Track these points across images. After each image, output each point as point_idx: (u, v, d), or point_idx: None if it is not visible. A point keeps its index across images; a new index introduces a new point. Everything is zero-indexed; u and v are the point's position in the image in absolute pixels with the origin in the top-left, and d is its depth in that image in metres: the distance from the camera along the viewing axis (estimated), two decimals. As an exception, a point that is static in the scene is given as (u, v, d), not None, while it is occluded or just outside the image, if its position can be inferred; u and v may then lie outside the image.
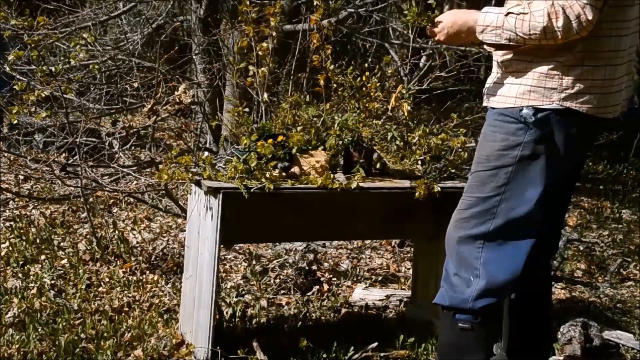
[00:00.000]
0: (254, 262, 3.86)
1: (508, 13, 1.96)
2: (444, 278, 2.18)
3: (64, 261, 3.63)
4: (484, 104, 2.18)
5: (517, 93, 2.02)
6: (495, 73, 2.14)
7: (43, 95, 3.12)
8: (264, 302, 3.30)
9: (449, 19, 2.13)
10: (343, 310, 3.28)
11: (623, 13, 1.98)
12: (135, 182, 4.92)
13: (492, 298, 2.10)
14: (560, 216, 2.34)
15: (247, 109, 2.87)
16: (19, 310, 2.95)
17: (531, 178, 2.04)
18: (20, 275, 3.40)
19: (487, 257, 2.08)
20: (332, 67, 2.88)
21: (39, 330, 2.77)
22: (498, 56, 2.12)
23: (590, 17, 1.85)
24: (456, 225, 2.15)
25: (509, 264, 2.08)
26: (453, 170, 2.88)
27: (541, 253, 2.23)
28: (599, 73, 1.98)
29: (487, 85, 2.16)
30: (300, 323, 3.06)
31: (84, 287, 3.30)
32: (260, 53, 2.89)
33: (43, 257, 3.67)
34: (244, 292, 3.45)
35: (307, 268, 3.58)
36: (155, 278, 3.49)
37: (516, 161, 2.03)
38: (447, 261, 2.19)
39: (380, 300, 3.39)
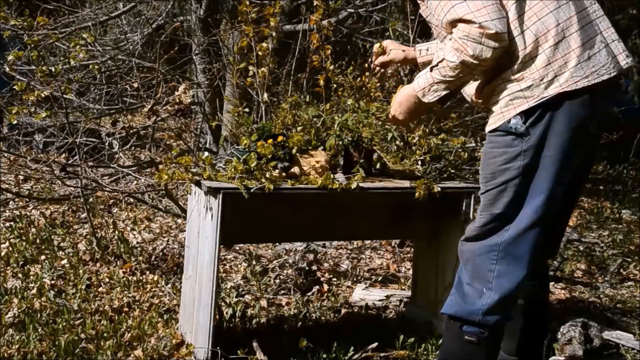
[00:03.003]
0: (254, 262, 3.86)
1: (431, 68, 2.07)
2: (455, 285, 2.15)
3: (64, 261, 3.63)
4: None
5: (500, 108, 2.03)
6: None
7: (43, 95, 3.12)
8: (264, 303, 3.30)
9: (397, 101, 2.26)
10: (343, 311, 3.28)
11: None
12: (135, 182, 4.92)
13: (503, 312, 2.09)
14: (563, 220, 2.32)
15: (247, 109, 2.87)
16: (19, 311, 2.95)
17: (539, 183, 2.02)
18: (20, 275, 3.40)
19: (500, 269, 2.06)
20: (332, 67, 2.88)
21: (39, 330, 2.77)
22: (472, 100, 2.18)
23: (493, 30, 1.90)
24: (472, 237, 2.13)
25: (519, 273, 2.06)
26: (453, 171, 2.88)
27: (541, 255, 2.23)
28: (563, 48, 1.97)
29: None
30: (300, 323, 3.06)
31: (84, 287, 3.30)
32: (260, 53, 2.89)
33: (43, 257, 3.67)
34: (244, 292, 3.45)
35: (307, 268, 3.58)
36: (155, 278, 3.49)
37: (521, 171, 2.01)
38: (461, 269, 2.16)
39: (380, 300, 3.39)
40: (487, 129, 2.09)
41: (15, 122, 4.04)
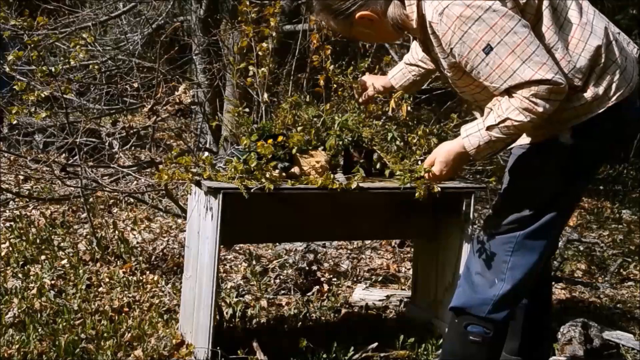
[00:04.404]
0: (254, 262, 3.86)
1: (488, 127, 1.94)
2: (464, 275, 2.16)
3: (64, 261, 3.63)
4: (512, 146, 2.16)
5: (551, 123, 2.00)
6: None
7: (43, 95, 3.12)
8: (264, 303, 3.30)
9: (441, 161, 2.10)
10: (343, 311, 3.28)
11: (576, 15, 1.99)
12: (135, 182, 4.92)
13: (511, 306, 2.10)
14: None
15: (247, 109, 2.86)
16: (19, 311, 2.95)
17: (571, 188, 2.05)
18: (20, 275, 3.40)
19: (515, 261, 2.06)
20: (332, 67, 2.88)
21: (39, 330, 2.77)
22: None
23: (563, 84, 1.84)
24: (492, 230, 2.12)
25: (531, 260, 2.08)
26: (453, 171, 2.87)
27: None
28: (607, 62, 1.98)
29: None
30: (300, 323, 3.06)
31: (84, 287, 3.30)
32: (260, 53, 2.89)
33: (43, 257, 3.67)
34: (244, 293, 3.45)
35: (307, 268, 3.58)
36: (155, 278, 3.49)
37: (555, 178, 2.03)
38: (470, 259, 2.16)
39: (380, 300, 3.39)
40: (532, 140, 2.07)
41: (15, 122, 4.05)
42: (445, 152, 2.09)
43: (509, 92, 1.88)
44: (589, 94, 1.96)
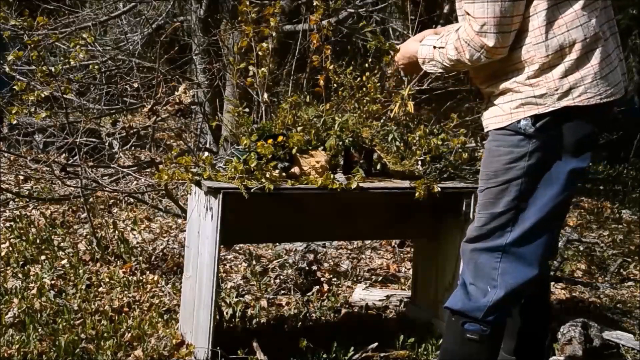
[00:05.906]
0: (254, 262, 3.86)
1: (434, 46, 2.13)
2: (460, 284, 2.16)
3: (64, 261, 3.63)
4: (485, 132, 2.18)
5: (511, 108, 2.02)
6: (486, 103, 2.16)
7: (43, 95, 3.12)
8: (264, 303, 3.30)
9: (401, 52, 2.35)
10: (343, 311, 3.28)
11: (581, 4, 1.98)
12: (135, 182, 4.93)
13: (506, 309, 2.10)
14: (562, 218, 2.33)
15: (247, 109, 2.87)
16: (19, 311, 2.95)
17: (543, 184, 2.03)
18: (20, 275, 3.40)
19: (505, 267, 2.06)
20: (332, 67, 2.88)
21: (39, 330, 2.78)
22: (482, 87, 2.17)
23: (491, 44, 1.94)
24: (473, 238, 2.13)
25: (526, 271, 2.07)
26: (453, 171, 2.88)
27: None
28: (584, 62, 1.97)
29: (483, 116, 2.17)
30: (300, 323, 3.06)
31: (84, 287, 3.30)
32: (260, 53, 2.89)
33: (43, 257, 3.67)
34: (244, 293, 3.45)
35: (307, 268, 3.58)
36: (155, 278, 3.49)
37: (525, 172, 2.01)
38: (463, 270, 2.16)
39: (380, 300, 3.39)
40: (493, 126, 2.08)
41: (15, 122, 4.05)
42: (405, 47, 2.33)
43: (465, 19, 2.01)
44: (552, 85, 1.96)
